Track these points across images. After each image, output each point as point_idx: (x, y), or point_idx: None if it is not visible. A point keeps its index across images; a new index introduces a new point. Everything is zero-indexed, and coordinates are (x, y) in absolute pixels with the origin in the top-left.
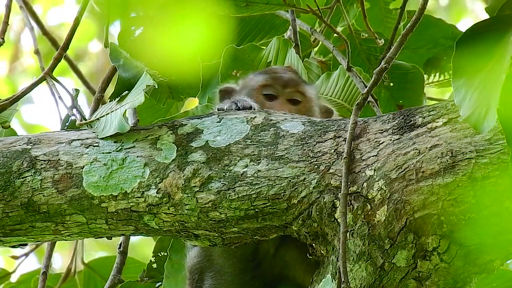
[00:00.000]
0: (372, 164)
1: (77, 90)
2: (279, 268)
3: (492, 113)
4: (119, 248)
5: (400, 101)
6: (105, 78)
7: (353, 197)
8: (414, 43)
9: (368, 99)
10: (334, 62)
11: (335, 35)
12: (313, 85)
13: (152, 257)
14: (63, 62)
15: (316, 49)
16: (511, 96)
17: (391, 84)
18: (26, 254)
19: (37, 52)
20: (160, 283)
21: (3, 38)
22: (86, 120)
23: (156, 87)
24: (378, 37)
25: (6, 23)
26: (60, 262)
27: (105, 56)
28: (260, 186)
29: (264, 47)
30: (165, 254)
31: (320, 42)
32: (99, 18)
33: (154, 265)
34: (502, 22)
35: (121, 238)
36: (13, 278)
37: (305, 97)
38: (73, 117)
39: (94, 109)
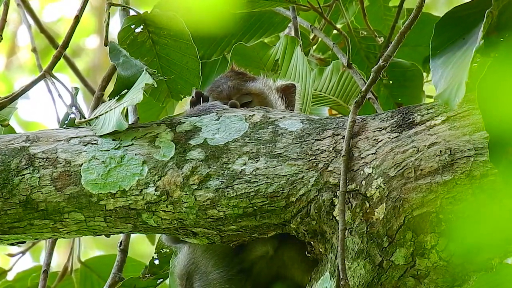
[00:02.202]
0: (370, 162)
1: (76, 89)
2: (276, 268)
3: (462, 88)
4: (120, 246)
5: (399, 99)
6: (105, 76)
7: (351, 195)
8: (414, 41)
9: (369, 96)
10: (333, 59)
11: (334, 32)
12: (258, 77)
13: (155, 253)
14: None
15: (314, 46)
16: (489, 81)
17: (390, 82)
18: (23, 252)
19: (34, 50)
20: (162, 279)
21: (1, 35)
22: (85, 118)
23: (155, 86)
24: (377, 35)
25: (4, 20)
26: (55, 260)
27: (102, 52)
28: (259, 184)
29: (272, 45)
30: (168, 251)
31: (319, 40)
32: (98, 13)
33: (156, 262)
34: (479, 6)
35: (121, 236)
36: (10, 276)
37: (253, 94)
38: (72, 116)
39: (94, 108)
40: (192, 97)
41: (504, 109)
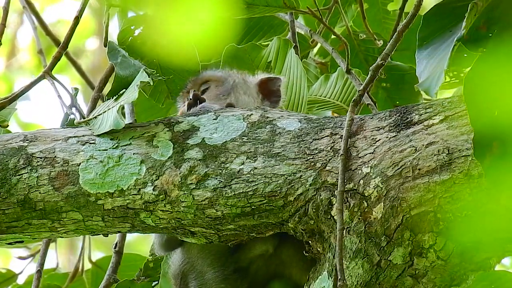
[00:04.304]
0: (368, 161)
1: (76, 89)
2: (274, 267)
3: (441, 76)
4: (115, 248)
5: (397, 102)
6: (103, 77)
7: (349, 194)
8: (415, 44)
9: (368, 102)
10: (332, 63)
11: (334, 36)
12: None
13: (149, 255)
14: (61, 59)
15: (315, 50)
16: (476, 76)
17: (388, 85)
18: (33, 255)
19: (40, 52)
20: (157, 282)
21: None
22: (85, 118)
23: (151, 83)
24: (376, 38)
25: (3, 25)
26: (63, 261)
27: (102, 53)
28: (257, 183)
29: (264, 47)
30: None
31: (319, 43)
32: (98, 15)
33: (151, 264)
34: None
35: (116, 238)
36: (20, 280)
37: (211, 81)
38: (72, 116)
39: (92, 109)
40: (190, 99)
41: (490, 104)
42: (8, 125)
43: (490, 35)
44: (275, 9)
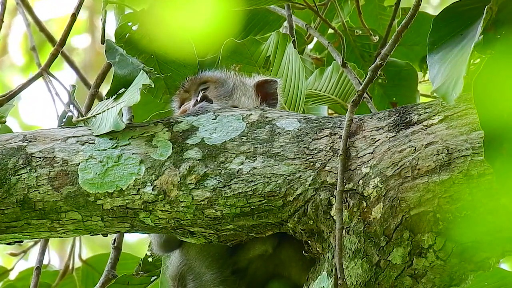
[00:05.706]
0: (368, 161)
1: (74, 86)
2: (273, 267)
3: (460, 82)
4: (113, 243)
5: (394, 98)
6: (100, 74)
7: (348, 194)
8: (410, 40)
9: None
10: (328, 59)
11: (330, 31)
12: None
13: (148, 251)
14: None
15: (311, 46)
16: (485, 78)
17: (385, 81)
18: (24, 251)
19: (33, 48)
20: (156, 277)
21: None
22: (83, 116)
23: (153, 86)
24: (372, 34)
25: (1, 20)
26: (56, 259)
27: (93, 51)
28: (256, 183)
29: (263, 41)
30: None
31: (315, 39)
32: (90, 12)
33: (150, 259)
34: (477, 1)
35: (115, 234)
36: (12, 276)
37: (209, 82)
38: (69, 113)
39: (89, 105)
40: (197, 100)
41: (500, 106)
42: (5, 121)
43: (498, 36)
44: (272, 1)
